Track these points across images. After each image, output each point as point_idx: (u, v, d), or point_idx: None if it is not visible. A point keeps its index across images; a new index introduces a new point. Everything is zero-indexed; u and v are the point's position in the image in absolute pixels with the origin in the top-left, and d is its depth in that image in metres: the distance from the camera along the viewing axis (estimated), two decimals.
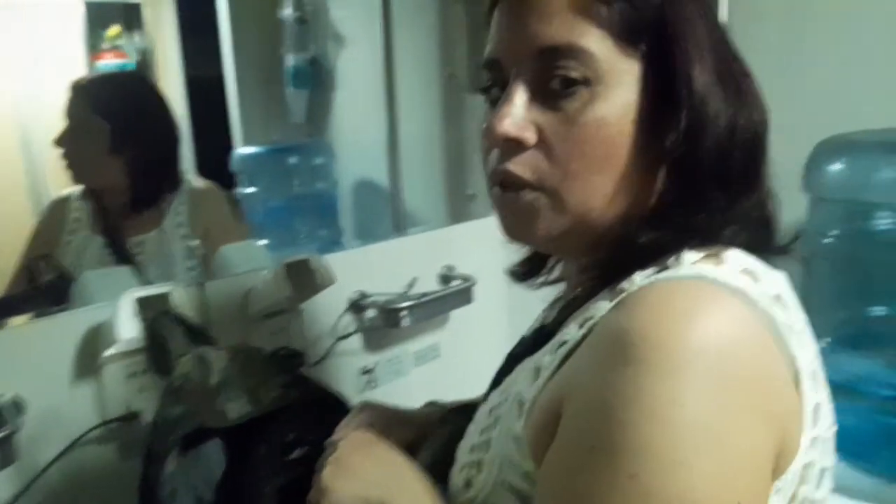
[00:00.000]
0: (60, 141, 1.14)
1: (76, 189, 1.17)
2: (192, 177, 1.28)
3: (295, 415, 0.74)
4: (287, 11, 1.58)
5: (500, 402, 0.54)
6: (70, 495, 0.85)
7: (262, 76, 1.72)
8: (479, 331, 1.35)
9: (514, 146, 0.50)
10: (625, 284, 0.47)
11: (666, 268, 0.47)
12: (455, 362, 1.32)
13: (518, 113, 0.50)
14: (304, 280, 1.00)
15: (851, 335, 0.89)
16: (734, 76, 0.50)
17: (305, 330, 1.06)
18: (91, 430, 0.85)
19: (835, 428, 0.48)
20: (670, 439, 0.38)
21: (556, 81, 0.48)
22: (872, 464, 0.76)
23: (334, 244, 1.58)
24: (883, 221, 0.95)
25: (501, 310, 1.39)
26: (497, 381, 0.59)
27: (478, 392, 0.81)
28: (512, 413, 0.50)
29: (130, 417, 0.87)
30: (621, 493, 0.38)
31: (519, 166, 0.50)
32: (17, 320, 0.89)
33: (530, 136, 0.50)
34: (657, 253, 0.48)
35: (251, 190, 1.56)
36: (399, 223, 1.50)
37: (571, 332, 0.49)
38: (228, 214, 1.33)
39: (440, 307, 1.23)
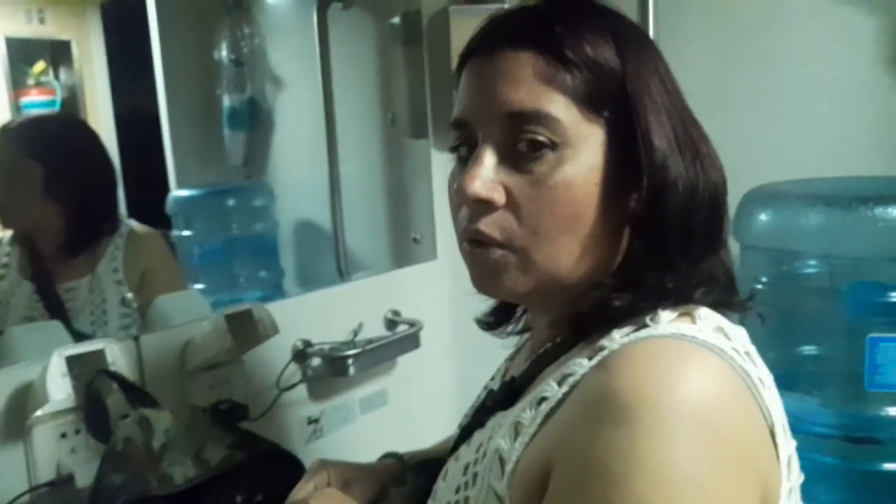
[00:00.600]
0: None
1: (5, 233, 1.11)
2: (129, 220, 1.24)
3: (244, 474, 0.72)
4: (223, 53, 1.57)
5: (477, 458, 0.53)
6: None
7: (197, 116, 1.68)
8: (427, 375, 1.34)
9: (483, 206, 0.51)
10: (604, 342, 0.48)
11: (644, 325, 0.48)
12: (403, 408, 1.31)
13: (487, 175, 0.51)
14: (247, 330, 0.98)
15: (784, 375, 0.93)
16: (692, 140, 0.53)
17: (248, 381, 1.03)
18: (20, 496, 0.80)
19: (802, 478, 0.50)
20: (666, 498, 0.39)
21: (524, 144, 0.50)
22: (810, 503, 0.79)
23: (275, 287, 1.55)
24: (809, 268, 1.01)
25: (448, 354, 1.39)
26: (466, 435, 0.58)
27: (427, 439, 0.81)
28: (493, 471, 0.50)
29: (63, 481, 0.82)
30: None
31: (488, 226, 0.51)
32: None
33: (499, 197, 0.51)
34: (632, 312, 0.49)
35: (187, 233, 1.52)
36: (342, 267, 1.49)
37: (551, 388, 0.49)
38: (166, 259, 1.28)
39: (387, 353, 1.22)
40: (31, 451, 0.82)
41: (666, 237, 0.51)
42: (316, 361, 1.13)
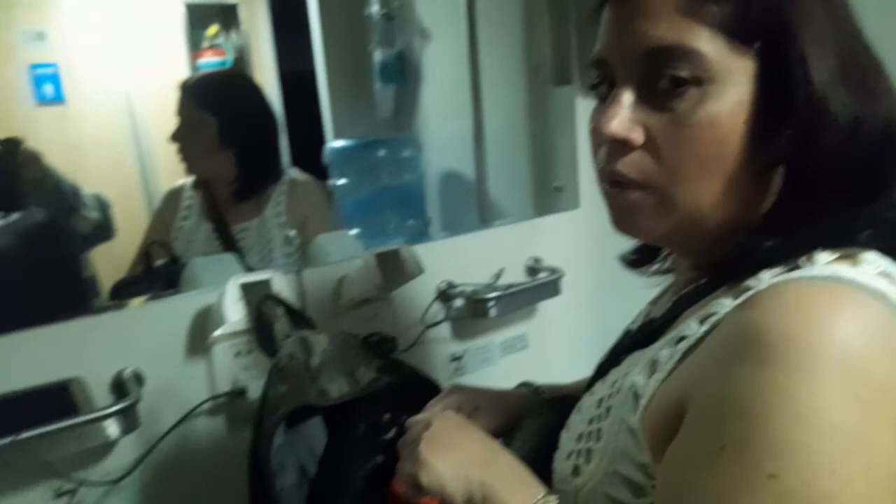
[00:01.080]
0: (175, 137, 1.22)
1: (188, 180, 1.25)
2: (291, 169, 1.34)
3: (389, 396, 0.77)
4: (374, 8, 1.63)
5: (611, 393, 0.53)
6: (183, 462, 0.92)
7: (351, 71, 1.77)
8: (567, 322, 1.35)
9: (621, 146, 0.50)
10: (751, 282, 0.46)
11: (797, 267, 0.45)
12: (543, 353, 1.32)
13: (625, 114, 0.49)
14: (395, 269, 1.04)
15: None
16: (862, 71, 0.48)
17: (396, 318, 1.09)
18: (202, 403, 0.91)
19: None
20: (815, 442, 0.37)
21: (665, 82, 0.48)
22: None
23: (421, 235, 1.62)
24: None
25: (589, 302, 1.38)
26: (602, 373, 0.58)
27: (567, 381, 0.82)
28: (626, 405, 0.50)
29: (237, 393, 0.93)
30: (759, 492, 0.38)
31: (626, 166, 0.50)
32: (136, 301, 0.96)
33: (637, 137, 0.49)
34: (784, 254, 0.46)
35: (341, 182, 1.62)
36: (484, 215, 1.52)
37: (691, 328, 0.48)
38: (324, 205, 1.38)
39: (527, 298, 1.24)
40: (212, 365, 0.93)
41: (823, 178, 0.47)
42: (459, 303, 1.17)
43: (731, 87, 0.47)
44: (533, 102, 1.51)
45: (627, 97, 0.50)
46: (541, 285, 1.25)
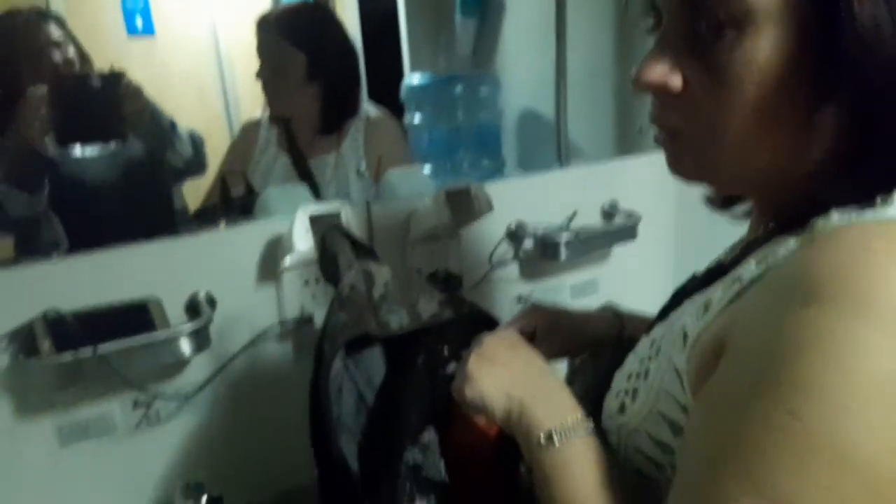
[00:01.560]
0: (261, 73, 1.23)
1: (265, 113, 1.26)
2: (366, 104, 1.33)
3: (451, 330, 0.76)
4: None
5: (664, 333, 0.52)
6: (252, 384, 0.96)
7: (432, 4, 1.73)
8: (642, 269, 1.30)
9: (662, 94, 0.48)
10: (820, 222, 0.42)
11: (872, 206, 0.41)
12: (614, 298, 1.28)
13: (663, 60, 0.47)
14: (464, 207, 1.02)
15: None
16: None
17: (463, 255, 1.08)
18: (271, 327, 0.94)
19: None
20: (841, 383, 0.35)
21: (703, 25, 0.44)
22: None
23: (496, 174, 1.59)
24: None
25: (667, 248, 1.33)
26: (663, 315, 0.57)
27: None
28: (675, 345, 0.48)
29: (305, 321, 0.95)
30: (776, 427, 0.36)
31: (666, 114, 0.49)
32: (213, 228, 0.99)
33: (674, 85, 0.47)
34: (854, 196, 0.43)
35: (418, 119, 1.60)
36: (562, 155, 1.47)
37: (749, 268, 0.46)
38: (399, 142, 1.37)
39: (601, 242, 1.20)
40: (281, 293, 0.95)
41: (882, 117, 0.42)
42: (529, 244, 1.14)
43: (771, 25, 0.42)
44: (620, 39, 1.43)
45: (667, 42, 0.47)
46: (616, 230, 1.20)
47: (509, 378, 0.58)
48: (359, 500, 0.68)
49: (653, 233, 1.26)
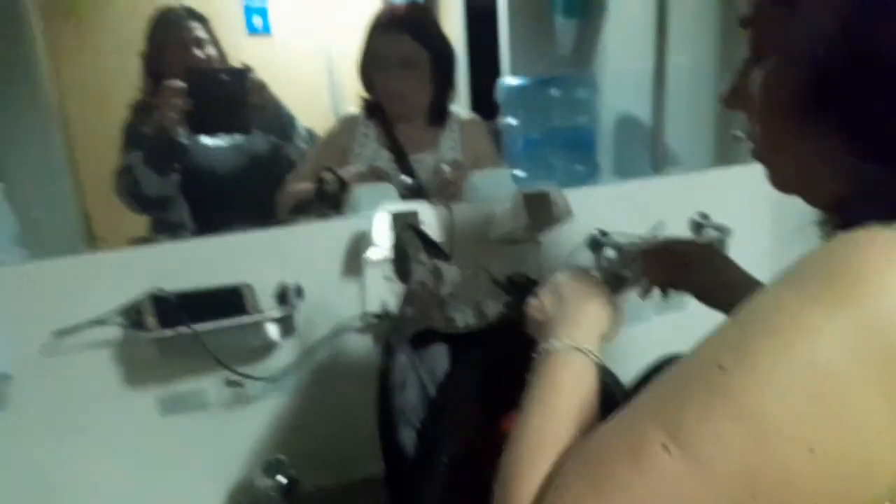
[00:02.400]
0: (380, 70, 1.26)
1: (361, 109, 1.30)
2: (457, 108, 1.36)
3: (516, 332, 0.78)
4: None
5: None
6: (335, 372, 1.01)
7: (533, 4, 1.73)
8: None
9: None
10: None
11: None
12: (701, 315, 1.24)
13: (735, 81, 0.52)
14: (542, 211, 1.03)
15: None
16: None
17: (542, 261, 1.09)
18: (353, 319, 0.99)
19: None
20: (777, 357, 0.36)
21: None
22: None
23: (589, 180, 1.58)
24: None
25: (760, 266, 1.27)
26: None
27: None
28: None
29: (385, 315, 1.00)
30: (702, 375, 0.38)
31: (747, 130, 0.53)
32: (305, 221, 1.06)
33: (736, 105, 0.52)
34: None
35: (512, 121, 1.62)
36: (658, 162, 1.44)
37: None
38: (490, 145, 1.39)
39: None
40: (364, 287, 1.00)
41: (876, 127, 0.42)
42: (610, 253, 1.13)
43: (775, 57, 0.47)
44: (724, 42, 1.38)
45: (743, 62, 0.51)
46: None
47: (559, 300, 0.63)
48: (417, 490, 0.72)
49: (746, 248, 1.21)
